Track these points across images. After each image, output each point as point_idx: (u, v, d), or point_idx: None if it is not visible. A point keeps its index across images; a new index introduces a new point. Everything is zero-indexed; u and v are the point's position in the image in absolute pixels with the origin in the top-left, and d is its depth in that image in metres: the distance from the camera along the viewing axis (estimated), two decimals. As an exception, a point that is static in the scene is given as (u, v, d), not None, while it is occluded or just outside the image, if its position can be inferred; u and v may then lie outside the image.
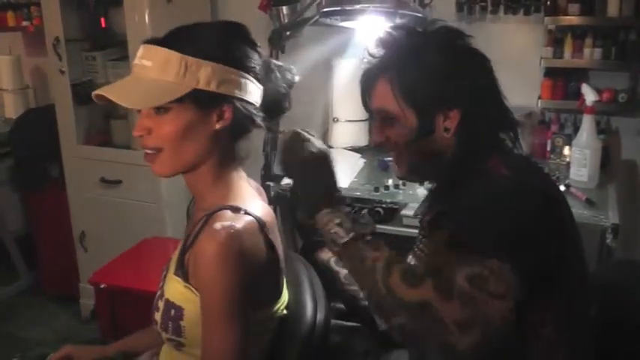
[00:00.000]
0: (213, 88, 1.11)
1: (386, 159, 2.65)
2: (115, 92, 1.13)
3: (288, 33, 2.10)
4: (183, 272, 1.16)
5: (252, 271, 1.11)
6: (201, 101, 1.12)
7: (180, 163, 1.17)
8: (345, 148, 2.71)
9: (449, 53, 1.21)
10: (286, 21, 2.87)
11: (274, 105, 1.25)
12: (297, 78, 1.29)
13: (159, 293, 1.24)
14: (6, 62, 3.36)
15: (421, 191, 2.38)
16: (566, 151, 2.55)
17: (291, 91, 1.29)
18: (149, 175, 2.76)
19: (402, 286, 1.03)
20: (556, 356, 1.16)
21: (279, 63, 1.29)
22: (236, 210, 1.14)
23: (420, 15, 1.81)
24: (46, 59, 3.00)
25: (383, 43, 1.25)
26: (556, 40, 2.56)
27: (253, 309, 1.15)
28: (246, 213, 1.14)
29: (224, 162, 1.20)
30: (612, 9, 2.44)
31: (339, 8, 1.80)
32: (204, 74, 1.10)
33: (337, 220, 1.13)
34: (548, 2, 2.52)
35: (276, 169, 2.31)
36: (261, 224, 1.16)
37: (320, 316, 1.34)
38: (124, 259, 2.50)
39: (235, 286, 1.07)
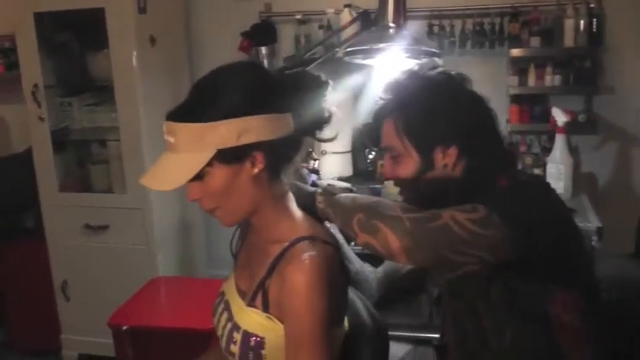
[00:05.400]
0: (233, 143, 1.12)
1: (376, 186, 2.80)
2: (150, 178, 1.16)
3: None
4: (263, 303, 1.20)
5: (337, 295, 1.17)
6: (228, 157, 1.13)
7: (238, 214, 1.21)
8: (333, 178, 2.83)
9: (444, 95, 1.33)
10: (265, 61, 3.02)
11: (311, 121, 1.22)
12: (329, 83, 1.24)
13: (230, 326, 1.24)
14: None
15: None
16: (536, 169, 2.79)
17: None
18: (137, 218, 2.81)
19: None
20: (583, 347, 1.27)
21: (311, 75, 1.23)
22: (312, 239, 1.19)
23: (434, 50, 1.94)
24: (9, 107, 2.94)
25: (391, 87, 1.39)
26: (520, 69, 2.84)
27: (336, 328, 1.21)
28: (323, 241, 1.20)
29: (278, 195, 1.23)
30: (568, 40, 2.77)
31: (367, 47, 1.89)
32: (221, 134, 1.11)
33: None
34: (512, 36, 2.80)
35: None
36: (335, 249, 1.22)
37: (378, 317, 1.41)
38: (137, 300, 2.45)
39: (325, 311, 1.13)
